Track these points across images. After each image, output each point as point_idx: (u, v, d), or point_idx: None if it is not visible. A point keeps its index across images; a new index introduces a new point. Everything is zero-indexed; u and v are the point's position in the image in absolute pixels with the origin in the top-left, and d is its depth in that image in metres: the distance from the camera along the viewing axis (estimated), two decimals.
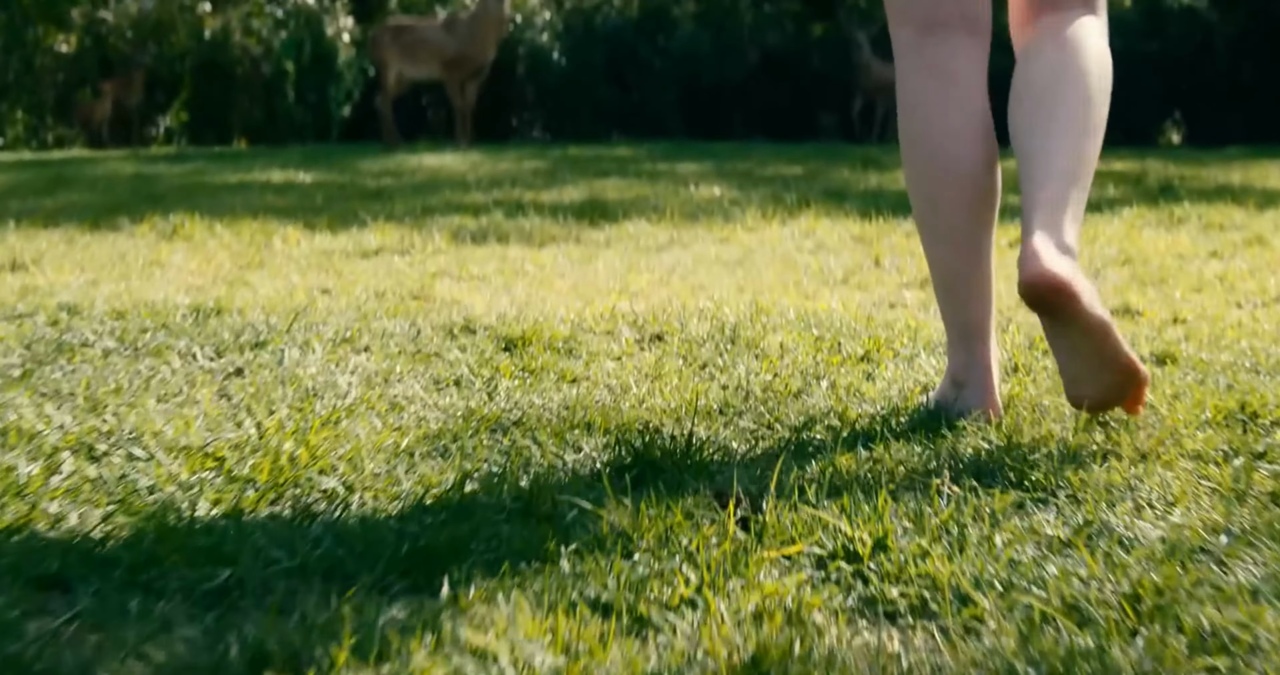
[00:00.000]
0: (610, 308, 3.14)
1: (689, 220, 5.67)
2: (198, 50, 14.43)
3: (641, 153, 10.50)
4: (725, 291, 3.87)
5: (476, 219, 5.61)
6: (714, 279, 4.18)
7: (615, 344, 2.70)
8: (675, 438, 1.81)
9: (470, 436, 1.87)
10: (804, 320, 3.01)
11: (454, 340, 2.69)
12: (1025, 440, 1.79)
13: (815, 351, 2.60)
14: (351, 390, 2.16)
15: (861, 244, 5.08)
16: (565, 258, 4.58)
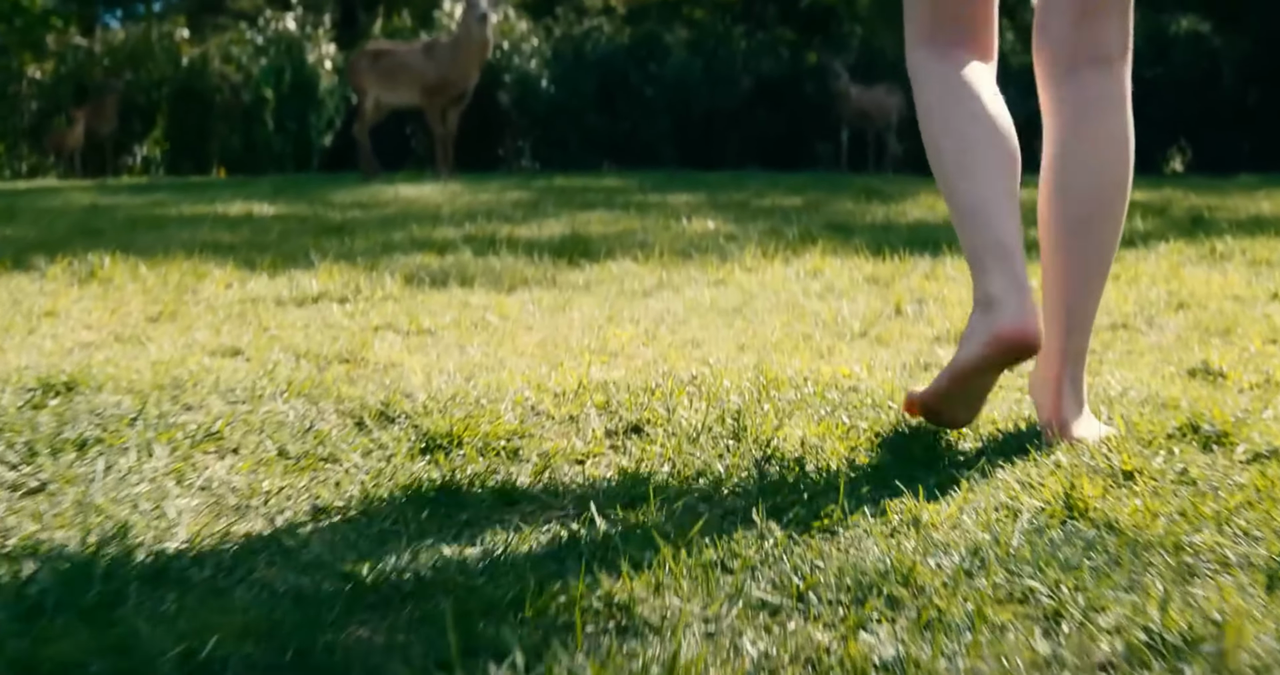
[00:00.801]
0: (579, 379, 2.42)
1: (680, 258, 4.97)
2: (175, 77, 13.75)
3: (631, 183, 9.80)
4: (723, 349, 3.16)
5: (441, 257, 4.89)
6: (709, 332, 3.47)
7: (579, 438, 1.99)
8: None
9: (325, 637, 1.15)
10: (826, 397, 2.29)
11: (361, 434, 1.97)
12: None
13: (848, 451, 1.88)
14: (177, 530, 1.44)
15: (876, 286, 4.37)
16: (536, 305, 3.87)
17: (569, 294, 4.14)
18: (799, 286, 4.34)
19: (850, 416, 2.10)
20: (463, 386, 2.38)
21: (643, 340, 3.33)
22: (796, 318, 3.73)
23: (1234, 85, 14.04)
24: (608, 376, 2.71)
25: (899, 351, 3.19)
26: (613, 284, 4.36)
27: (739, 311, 3.86)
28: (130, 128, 14.03)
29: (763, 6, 18.18)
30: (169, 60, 13.86)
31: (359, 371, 2.74)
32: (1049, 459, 1.79)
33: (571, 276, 4.51)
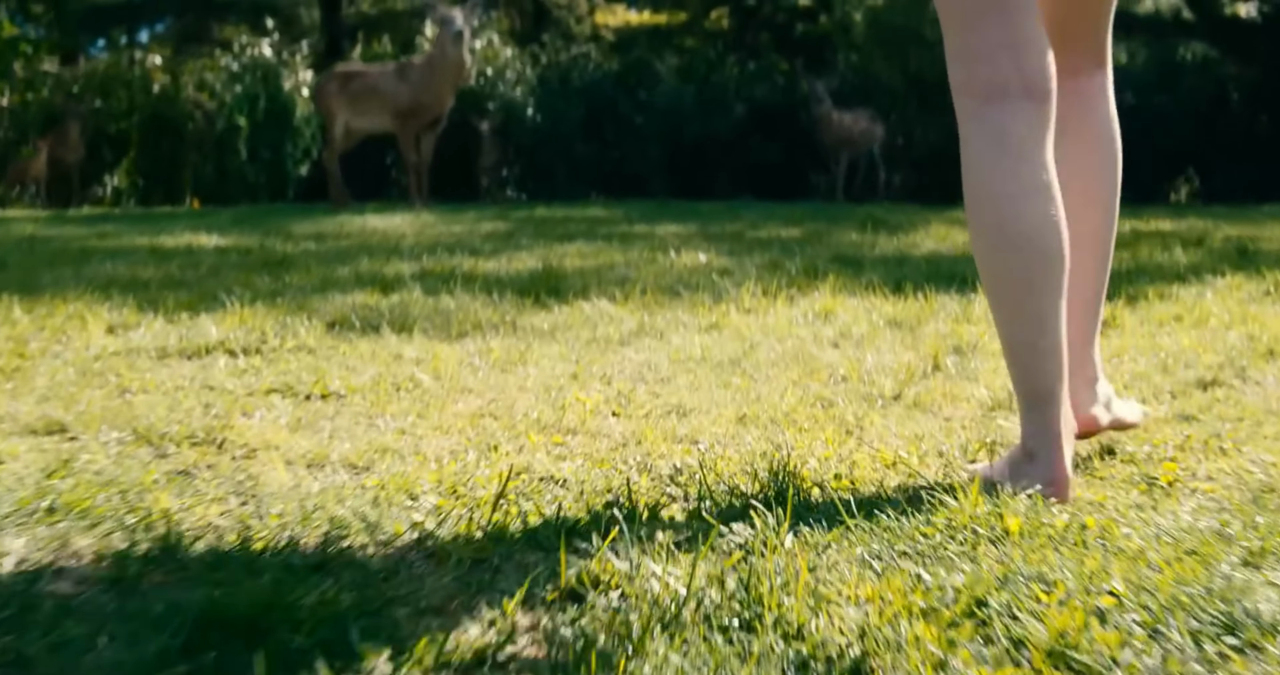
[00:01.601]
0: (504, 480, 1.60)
1: (667, 297, 4.15)
2: (145, 105, 12.96)
3: (617, 213, 9.00)
4: (719, 422, 2.35)
5: (385, 296, 4.07)
6: (700, 395, 2.66)
7: (473, 621, 1.16)
8: None
9: None
10: (875, 517, 1.48)
11: (74, 620, 1.15)
12: None
13: (945, 646, 1.06)
14: None
15: (901, 331, 3.57)
16: (484, 358, 3.05)
17: (529, 342, 3.32)
18: (808, 332, 3.53)
19: (923, 557, 1.28)
20: (333, 492, 1.56)
21: (613, 407, 2.51)
22: (809, 373, 2.92)
23: (1243, 113, 13.32)
24: (556, 469, 1.89)
25: (950, 423, 2.38)
26: (584, 329, 3.55)
27: (737, 365, 3.05)
28: (100, 157, 13.23)
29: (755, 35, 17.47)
30: (140, 87, 13.06)
31: (207, 461, 1.92)
32: None
33: (536, 319, 3.70)
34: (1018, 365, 1.77)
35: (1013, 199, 1.73)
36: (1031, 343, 1.74)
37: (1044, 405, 1.74)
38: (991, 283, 1.77)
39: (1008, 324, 1.77)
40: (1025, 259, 1.72)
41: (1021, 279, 1.73)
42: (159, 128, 12.91)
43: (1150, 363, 3.09)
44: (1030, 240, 1.73)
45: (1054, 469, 1.72)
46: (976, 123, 1.76)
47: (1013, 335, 1.76)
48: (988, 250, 1.76)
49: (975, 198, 1.76)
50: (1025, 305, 1.73)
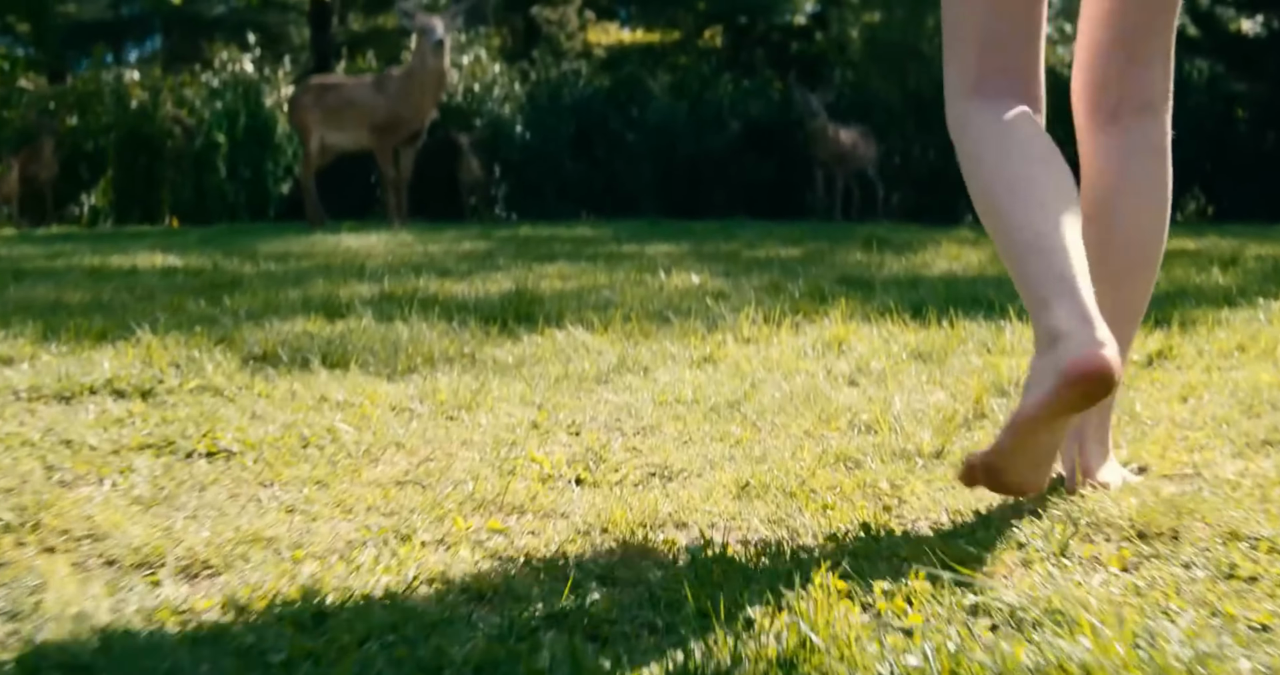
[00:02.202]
0: None
1: (654, 324, 3.57)
2: (122, 122, 12.39)
3: (606, 232, 8.44)
4: (715, 494, 1.78)
5: (330, 324, 3.50)
6: (691, 452, 2.09)
7: None
8: None
9: None
10: None
11: None
12: None
13: None
14: None
15: (928, 364, 2.99)
16: (427, 401, 2.48)
17: (486, 380, 2.74)
18: (819, 366, 2.96)
19: None
20: (120, 635, 0.98)
21: (578, 469, 1.94)
22: (825, 421, 2.35)
23: (1251, 131, 12.80)
24: (480, 578, 1.32)
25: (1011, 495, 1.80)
26: (554, 363, 2.97)
27: (736, 410, 2.47)
28: (76, 175, 12.67)
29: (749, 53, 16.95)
30: (117, 104, 12.49)
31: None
32: None
33: (499, 351, 3.12)
34: (1042, 256, 1.56)
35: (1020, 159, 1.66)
36: (1062, 232, 1.57)
37: (1072, 290, 1.51)
38: (1004, 194, 1.64)
39: (1038, 218, 1.59)
40: (1057, 172, 1.64)
41: (1038, 181, 1.63)
42: (136, 145, 12.34)
43: (1230, 404, 2.52)
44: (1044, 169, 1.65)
45: (1096, 337, 1.44)
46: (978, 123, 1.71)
47: (1043, 226, 1.58)
48: (1021, 161, 1.66)
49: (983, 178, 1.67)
50: (1052, 209, 1.59)
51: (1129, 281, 1.79)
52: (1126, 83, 1.79)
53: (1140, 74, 1.79)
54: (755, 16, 17.40)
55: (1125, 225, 1.78)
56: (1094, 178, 1.82)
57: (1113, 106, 1.80)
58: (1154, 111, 1.80)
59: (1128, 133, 1.79)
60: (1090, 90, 1.83)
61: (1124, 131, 1.79)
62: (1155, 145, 1.80)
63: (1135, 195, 1.79)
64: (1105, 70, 1.80)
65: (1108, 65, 1.80)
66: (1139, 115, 1.80)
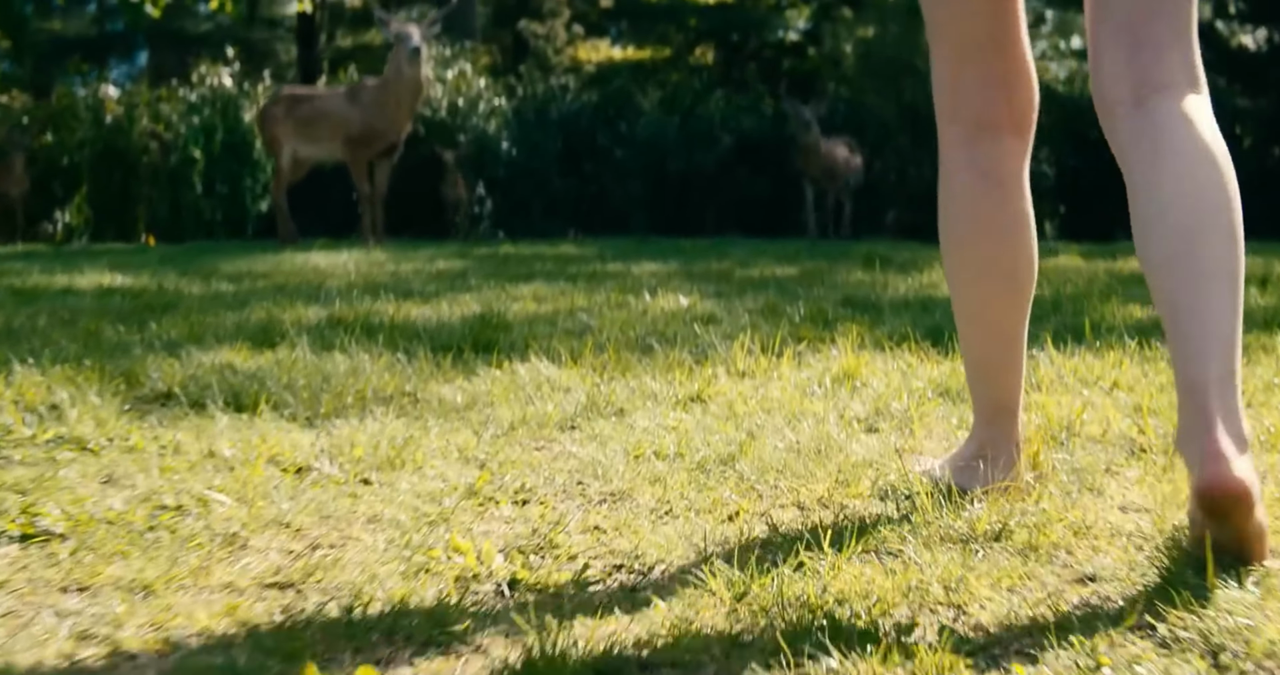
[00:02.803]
0: None
1: (634, 354, 3.05)
2: (97, 138, 11.87)
3: (591, 251, 7.92)
4: (703, 613, 1.25)
5: (257, 354, 2.97)
6: (669, 532, 1.58)
7: None
8: None
9: None
10: None
11: None
12: None
13: None
14: None
15: (958, 404, 2.48)
16: (339, 459, 1.94)
17: (424, 426, 2.22)
18: (829, 407, 2.43)
19: None
20: None
21: (516, 564, 1.43)
22: (844, 484, 1.83)
23: (1254, 147, 12.34)
24: None
25: (1104, 590, 1.29)
26: (510, 404, 2.44)
27: (730, 466, 1.95)
28: (50, 192, 12.14)
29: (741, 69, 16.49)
30: (92, 120, 11.97)
31: None
32: None
33: (448, 389, 2.59)
34: (986, 381, 1.84)
35: (1002, 232, 1.76)
36: (1002, 360, 1.82)
37: (1007, 415, 1.83)
38: (970, 307, 1.82)
39: (982, 345, 1.83)
40: (1009, 288, 1.78)
41: (1003, 305, 1.79)
42: (111, 161, 11.82)
43: None
44: (1016, 271, 1.77)
45: (1011, 474, 1.79)
46: (964, 152, 1.76)
47: (986, 355, 1.83)
48: (971, 280, 1.80)
49: (957, 232, 1.78)
50: (1002, 327, 1.80)
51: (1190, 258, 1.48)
52: (1136, 69, 1.58)
53: (1151, 59, 1.58)
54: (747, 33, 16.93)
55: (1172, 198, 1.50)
56: (1129, 173, 1.57)
57: (1130, 96, 1.60)
58: (1178, 89, 1.57)
59: (1150, 115, 1.56)
60: (1105, 87, 1.63)
61: (1147, 116, 1.57)
62: (1188, 116, 1.54)
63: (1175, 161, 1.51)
64: (1114, 62, 1.61)
65: (1115, 56, 1.60)
66: (1162, 94, 1.57)
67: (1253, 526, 1.39)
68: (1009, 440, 1.83)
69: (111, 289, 4.92)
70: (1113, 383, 2.78)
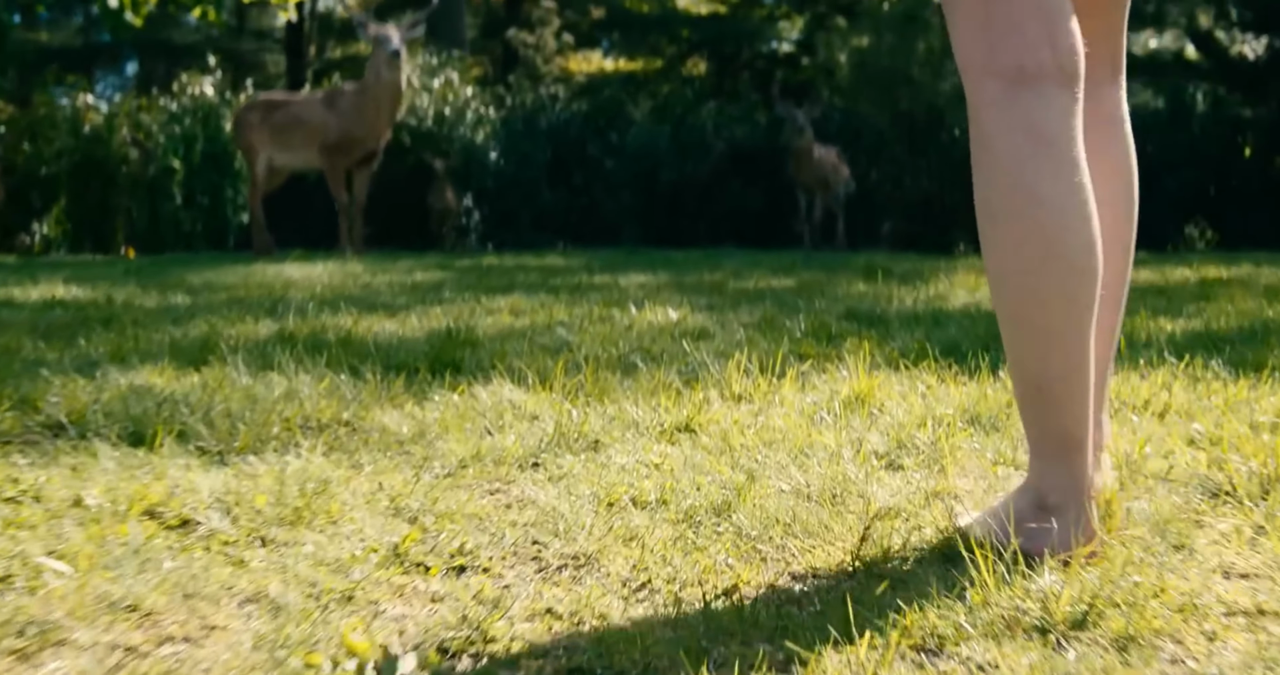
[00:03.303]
0: None
1: (615, 375, 2.65)
2: (75, 148, 11.46)
3: (579, 262, 7.52)
4: None
5: (182, 376, 2.57)
6: (646, 613, 1.16)
7: None
8: None
9: None
10: None
11: None
12: None
13: None
14: None
15: (991, 434, 2.10)
16: (235, 509, 1.54)
17: (355, 464, 1.82)
18: (843, 438, 2.03)
19: None
20: None
21: (428, 670, 1.00)
22: (869, 544, 1.42)
23: (1257, 156, 11.97)
24: None
25: None
26: (464, 434, 2.04)
27: (725, 517, 1.56)
28: (28, 203, 11.73)
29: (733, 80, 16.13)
30: (70, 130, 11.56)
31: None
32: None
33: (393, 416, 2.19)
34: (1044, 406, 1.41)
35: (1056, 204, 1.36)
36: (1065, 378, 1.39)
37: (1073, 453, 1.41)
38: (1021, 306, 1.39)
39: (1039, 357, 1.40)
40: (1069, 276, 1.37)
41: (1064, 301, 1.37)
42: (89, 171, 11.41)
43: None
44: (1076, 254, 1.37)
45: (1084, 529, 1.38)
46: (1002, 111, 1.37)
47: (1044, 370, 1.40)
48: (1022, 266, 1.37)
49: (1007, 203, 1.38)
50: (1065, 333, 1.38)
51: (1111, 255, 1.52)
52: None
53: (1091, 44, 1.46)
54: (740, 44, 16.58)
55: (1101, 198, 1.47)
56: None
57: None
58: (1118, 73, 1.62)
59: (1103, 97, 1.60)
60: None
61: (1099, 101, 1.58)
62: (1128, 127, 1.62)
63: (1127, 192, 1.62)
64: None
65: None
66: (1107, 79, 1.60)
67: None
68: (1078, 486, 1.41)
69: (56, 302, 4.51)
70: (1163, 407, 2.39)
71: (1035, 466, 1.44)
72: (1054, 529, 1.38)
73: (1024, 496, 1.45)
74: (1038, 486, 1.43)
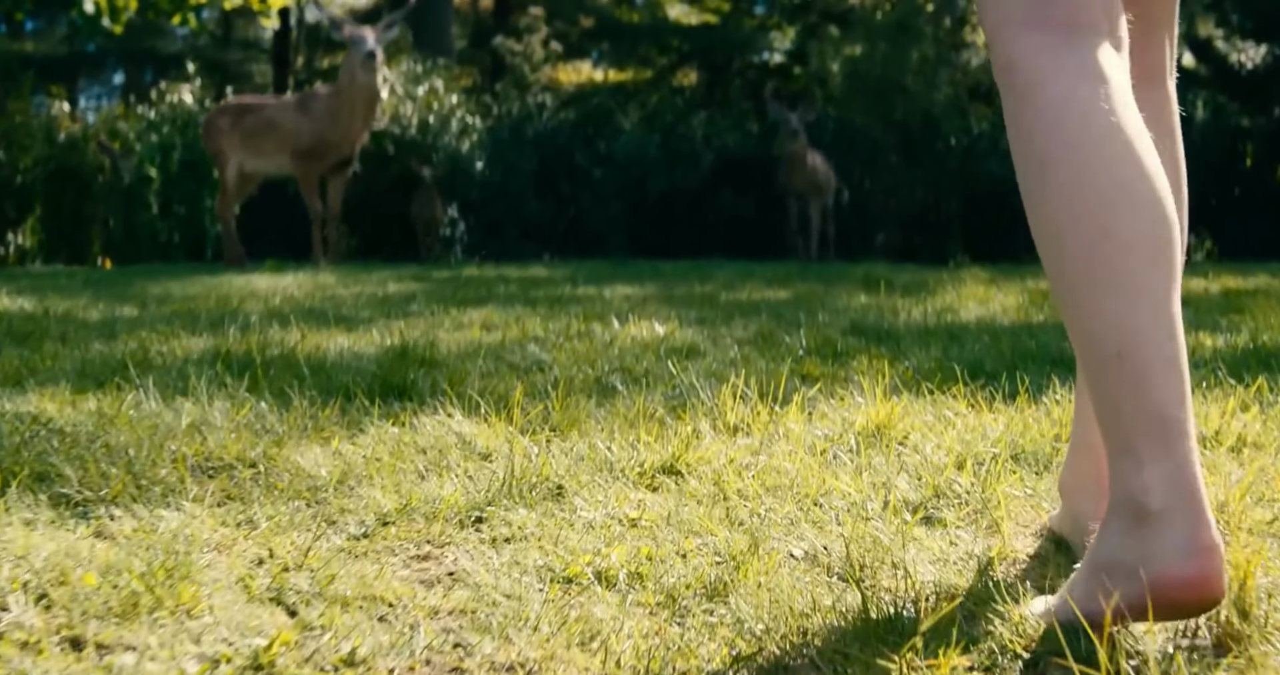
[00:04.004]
0: None
1: (590, 400, 2.24)
2: (50, 157, 11.05)
3: (563, 273, 7.11)
4: None
5: (79, 401, 2.16)
6: None
7: None
8: None
9: None
10: None
11: None
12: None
13: None
14: None
15: (1043, 473, 1.69)
16: (56, 593, 1.12)
17: (247, 518, 1.40)
18: (864, 484, 1.63)
19: None
20: None
21: None
22: (917, 646, 1.01)
23: (1258, 166, 11.63)
24: None
25: None
26: (395, 479, 1.62)
27: (721, 602, 1.18)
28: (2, 213, 11.32)
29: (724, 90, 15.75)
30: (44, 139, 11.14)
31: None
32: None
33: (315, 453, 1.78)
34: (1132, 381, 1.06)
35: (1132, 132, 1.11)
36: (1160, 343, 1.07)
37: (1178, 439, 1.04)
38: (1096, 253, 1.08)
39: (1123, 314, 1.07)
40: (1153, 211, 1.08)
41: (1151, 241, 1.08)
42: (64, 181, 10.99)
43: None
44: (1157, 195, 1.09)
45: (1201, 533, 1.01)
46: (1055, 56, 1.15)
47: (1130, 331, 1.07)
48: (1097, 203, 1.09)
49: (1070, 137, 1.11)
50: (1153, 283, 1.07)
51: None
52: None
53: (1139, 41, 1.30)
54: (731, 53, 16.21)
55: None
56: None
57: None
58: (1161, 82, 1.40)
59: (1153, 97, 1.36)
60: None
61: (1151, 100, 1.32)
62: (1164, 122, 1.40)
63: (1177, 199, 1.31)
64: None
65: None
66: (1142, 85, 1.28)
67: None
68: (1187, 486, 1.03)
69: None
70: (1238, 439, 1.99)
71: (1121, 470, 1.07)
72: (1167, 540, 1.02)
73: (1115, 510, 1.08)
74: (1128, 493, 1.05)
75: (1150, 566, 1.01)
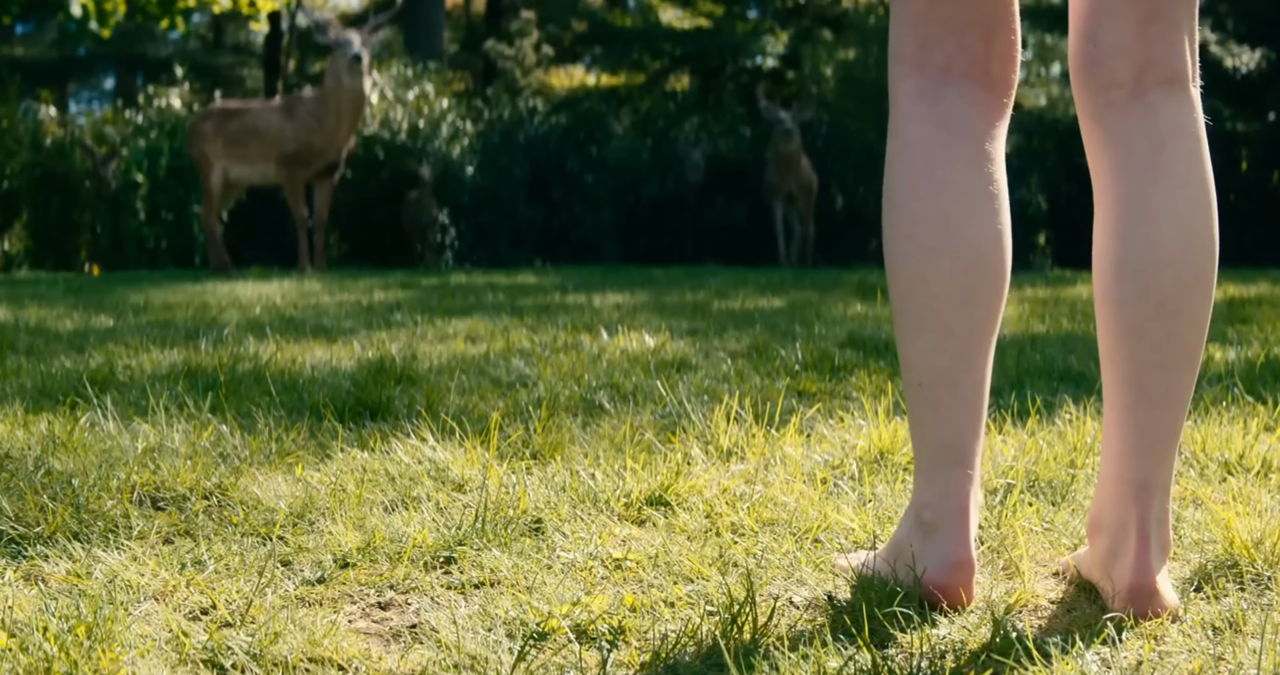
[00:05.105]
0: None
1: (575, 420, 2.11)
2: (36, 162, 10.90)
3: (552, 280, 6.98)
4: None
5: (31, 422, 2.02)
6: None
7: None
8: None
9: None
10: None
11: None
12: None
13: None
14: None
15: (1060, 504, 1.55)
16: None
17: (194, 559, 1.27)
18: (869, 518, 1.49)
19: None
20: None
21: None
22: None
23: (1254, 172, 11.54)
24: None
25: None
26: (353, 518, 1.49)
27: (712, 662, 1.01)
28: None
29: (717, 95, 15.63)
30: (30, 144, 10.99)
31: None
32: None
33: (276, 483, 1.64)
34: (927, 409, 1.27)
35: (963, 189, 1.26)
36: (953, 380, 1.26)
37: (953, 465, 1.25)
38: (912, 295, 1.27)
39: (926, 352, 1.27)
40: (969, 267, 1.25)
41: (960, 292, 1.25)
42: (50, 186, 10.84)
43: None
44: (979, 246, 1.26)
45: (955, 549, 1.22)
46: (925, 102, 1.29)
47: (930, 367, 1.26)
48: (918, 252, 1.26)
49: (912, 185, 1.28)
50: (954, 329, 1.25)
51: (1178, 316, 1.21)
52: (1149, 46, 1.24)
53: (1165, 36, 1.24)
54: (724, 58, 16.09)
55: (1168, 231, 1.22)
56: (1117, 177, 1.24)
57: (1132, 79, 1.25)
58: (1183, 86, 1.26)
59: (1154, 113, 1.25)
60: (1099, 61, 1.26)
61: (1149, 111, 1.25)
62: (1189, 130, 1.25)
63: (1177, 189, 1.22)
64: (1118, 33, 1.25)
65: (1122, 26, 1.24)
66: (1167, 89, 1.25)
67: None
68: (953, 504, 1.23)
69: None
70: (1263, 464, 1.86)
71: (920, 477, 1.27)
72: (929, 549, 1.22)
73: (905, 519, 1.29)
74: (915, 501, 1.26)
75: (919, 566, 1.21)
